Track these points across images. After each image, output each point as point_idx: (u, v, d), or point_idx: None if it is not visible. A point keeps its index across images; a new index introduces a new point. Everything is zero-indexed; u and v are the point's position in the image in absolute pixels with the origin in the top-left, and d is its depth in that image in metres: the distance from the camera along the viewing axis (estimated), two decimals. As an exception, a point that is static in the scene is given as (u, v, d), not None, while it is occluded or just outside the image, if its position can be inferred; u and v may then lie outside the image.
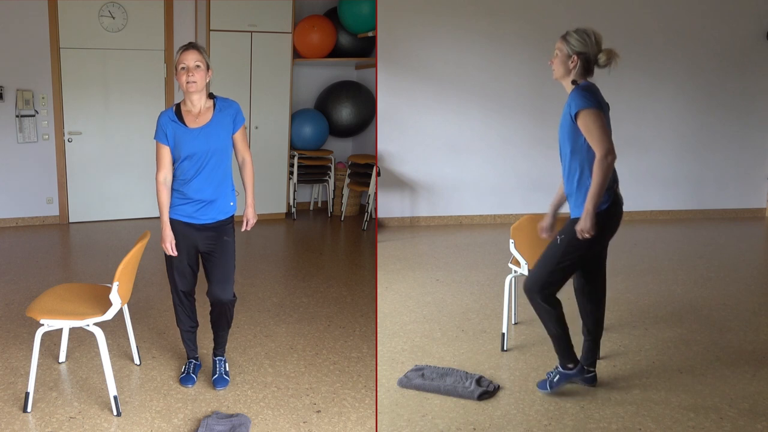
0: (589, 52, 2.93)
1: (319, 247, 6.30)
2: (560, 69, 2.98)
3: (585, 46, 2.92)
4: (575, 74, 2.95)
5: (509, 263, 3.74)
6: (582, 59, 2.93)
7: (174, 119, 3.08)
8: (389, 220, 7.17)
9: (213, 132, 3.08)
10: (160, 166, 3.12)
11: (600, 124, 2.84)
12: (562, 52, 2.97)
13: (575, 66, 2.94)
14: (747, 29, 7.55)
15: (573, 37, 2.95)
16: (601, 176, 2.83)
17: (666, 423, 2.92)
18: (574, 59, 2.93)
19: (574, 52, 2.93)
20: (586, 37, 2.93)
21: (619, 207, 3.03)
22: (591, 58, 2.94)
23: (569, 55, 2.94)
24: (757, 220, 7.69)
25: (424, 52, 6.91)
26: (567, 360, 3.15)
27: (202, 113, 3.09)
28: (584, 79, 2.97)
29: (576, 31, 2.96)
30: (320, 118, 7.51)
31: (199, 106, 3.09)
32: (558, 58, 2.99)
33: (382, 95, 6.91)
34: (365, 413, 3.07)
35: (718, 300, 4.63)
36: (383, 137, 6.97)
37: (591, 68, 2.98)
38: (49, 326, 2.95)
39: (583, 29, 2.96)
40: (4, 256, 5.63)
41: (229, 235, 3.21)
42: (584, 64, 2.94)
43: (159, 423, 2.94)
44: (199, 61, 3.01)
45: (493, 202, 7.32)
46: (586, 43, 2.92)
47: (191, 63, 2.99)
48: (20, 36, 6.51)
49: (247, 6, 6.91)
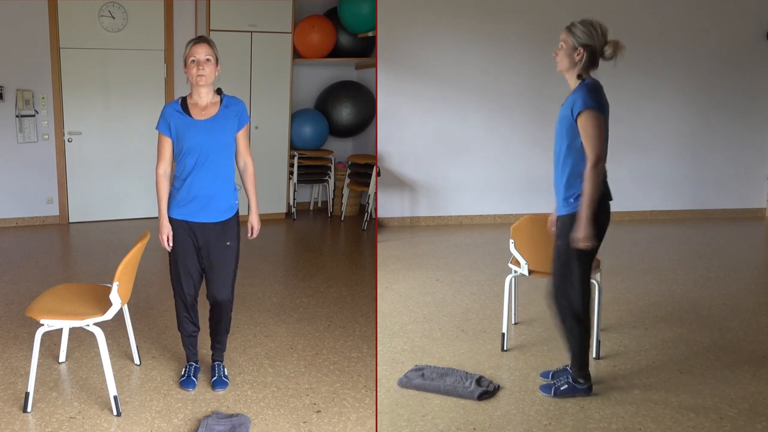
0: (595, 45, 2.87)
1: (319, 247, 6.31)
2: (565, 61, 2.91)
3: (591, 38, 2.86)
4: (580, 68, 2.90)
5: (509, 263, 3.74)
6: (588, 51, 2.87)
7: (179, 110, 3.07)
8: (389, 220, 7.17)
9: (218, 126, 3.06)
10: (160, 157, 3.11)
11: (599, 130, 2.81)
12: (567, 44, 2.90)
13: (581, 58, 2.88)
14: (747, 29, 7.54)
15: (578, 28, 2.88)
16: (593, 184, 2.82)
17: (666, 423, 2.92)
18: (580, 51, 2.87)
19: (580, 44, 2.87)
20: (592, 29, 2.87)
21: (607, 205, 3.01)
22: (597, 50, 2.88)
23: (575, 47, 2.88)
24: (757, 220, 7.69)
25: (424, 52, 6.90)
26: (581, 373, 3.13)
27: (209, 107, 3.09)
28: (588, 73, 2.92)
29: (581, 23, 2.89)
30: (320, 118, 7.51)
31: (206, 99, 3.08)
32: (563, 50, 2.91)
33: (382, 95, 6.91)
34: (365, 413, 3.07)
35: (718, 300, 4.63)
36: (383, 137, 6.97)
37: (596, 61, 2.91)
38: (49, 326, 2.95)
39: (588, 21, 2.89)
40: (4, 256, 5.63)
41: (233, 240, 3.18)
42: (590, 57, 2.88)
43: (159, 423, 2.94)
44: (209, 55, 3.01)
45: (493, 202, 7.32)
46: (591, 35, 2.86)
47: (202, 56, 2.99)
48: (20, 36, 6.51)
49: (247, 6, 6.91)
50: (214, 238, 3.14)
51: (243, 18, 6.92)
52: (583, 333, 3.07)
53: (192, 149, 3.04)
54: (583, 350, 3.11)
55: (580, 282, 3.00)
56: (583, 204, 2.86)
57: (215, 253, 3.15)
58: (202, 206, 3.10)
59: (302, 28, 7.16)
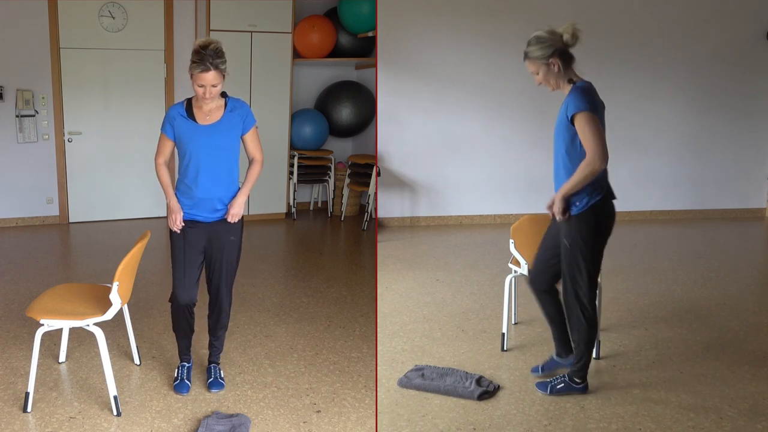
0: (557, 46, 2.89)
1: (319, 247, 6.30)
2: (550, 81, 2.94)
3: (549, 46, 2.88)
4: (563, 74, 2.92)
5: (509, 263, 3.74)
6: (557, 56, 2.89)
7: (183, 114, 3.08)
8: (389, 220, 7.17)
9: (222, 130, 3.07)
10: (159, 152, 3.21)
11: (595, 128, 2.82)
12: (538, 68, 2.93)
13: (558, 67, 2.91)
14: (747, 29, 7.55)
15: (533, 48, 2.91)
16: (584, 173, 2.83)
17: (666, 423, 2.92)
18: (553, 62, 2.89)
19: (547, 57, 2.89)
20: (543, 39, 2.90)
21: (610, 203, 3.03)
22: (562, 48, 2.90)
23: (546, 64, 2.90)
24: (757, 220, 7.69)
25: (424, 52, 6.90)
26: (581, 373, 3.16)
27: (213, 111, 3.09)
28: (575, 74, 2.94)
29: (528, 45, 2.92)
30: (320, 118, 7.51)
31: (211, 105, 3.09)
32: (540, 76, 2.95)
33: (382, 95, 6.91)
34: (365, 413, 3.07)
35: (718, 300, 4.63)
36: (383, 137, 6.97)
37: (569, 56, 2.93)
38: (49, 326, 2.95)
39: (534, 36, 2.92)
40: (4, 256, 5.63)
41: (236, 235, 3.20)
42: (563, 58, 2.90)
43: (159, 423, 2.94)
44: (216, 81, 2.95)
45: (493, 202, 7.32)
46: (546, 43, 2.89)
47: (208, 84, 2.95)
48: (20, 36, 6.51)
49: (247, 6, 6.91)
50: (219, 234, 3.16)
51: (243, 18, 6.92)
52: (591, 332, 3.08)
53: (196, 154, 3.06)
54: (588, 350, 3.12)
55: (587, 279, 3.01)
56: (565, 185, 2.89)
57: (218, 247, 3.17)
58: (206, 207, 3.12)
59: (302, 28, 7.16)
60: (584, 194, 2.93)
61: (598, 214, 2.95)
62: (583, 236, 2.96)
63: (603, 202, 2.95)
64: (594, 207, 2.93)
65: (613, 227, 3.04)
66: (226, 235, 3.17)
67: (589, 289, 3.03)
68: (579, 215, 2.96)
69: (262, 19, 7.00)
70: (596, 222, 2.96)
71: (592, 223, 2.95)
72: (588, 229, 2.96)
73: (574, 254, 2.99)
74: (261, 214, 7.43)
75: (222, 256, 3.18)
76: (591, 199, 2.93)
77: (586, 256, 2.98)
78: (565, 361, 3.29)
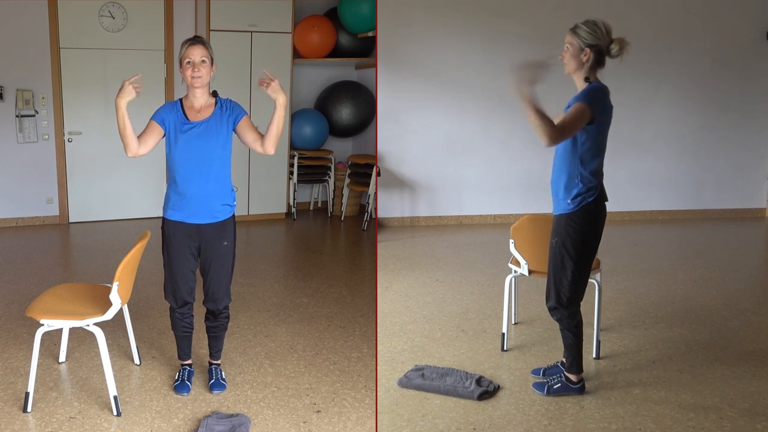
0: (601, 44, 2.87)
1: (319, 247, 6.31)
2: (572, 63, 2.92)
3: (596, 38, 2.87)
4: (587, 68, 2.90)
5: (509, 263, 3.74)
6: (594, 51, 2.88)
7: (176, 110, 3.08)
8: (389, 220, 7.17)
9: (213, 127, 3.06)
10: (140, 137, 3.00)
11: (575, 119, 2.79)
12: (573, 46, 2.90)
13: (588, 59, 2.89)
14: (747, 30, 7.54)
15: (583, 29, 2.88)
16: (541, 127, 2.78)
17: (666, 423, 2.92)
18: (587, 52, 2.88)
19: (586, 45, 2.87)
20: (597, 29, 2.87)
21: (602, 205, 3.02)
22: (603, 49, 2.89)
23: (581, 48, 2.88)
24: (757, 220, 7.69)
25: (424, 52, 6.90)
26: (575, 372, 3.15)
27: (204, 109, 3.08)
28: (596, 75, 2.92)
29: (586, 23, 2.89)
30: (320, 118, 7.51)
31: (201, 101, 3.08)
32: (569, 52, 2.92)
33: (382, 95, 6.91)
34: (365, 413, 3.07)
35: (718, 300, 4.63)
36: (383, 137, 6.97)
37: (603, 60, 2.92)
38: (49, 326, 2.95)
39: (592, 21, 2.90)
40: (4, 256, 5.63)
41: (229, 240, 3.17)
42: (597, 57, 2.89)
43: (159, 423, 2.94)
44: (204, 57, 3.00)
45: (493, 202, 7.32)
46: (597, 34, 2.87)
47: (197, 58, 2.98)
48: (20, 36, 6.51)
49: (247, 6, 6.91)
50: (211, 239, 3.13)
51: (243, 18, 6.92)
52: (576, 330, 3.08)
53: (185, 150, 3.04)
54: (577, 348, 3.12)
55: (571, 278, 3.01)
56: (535, 107, 2.82)
57: (212, 253, 3.15)
58: (197, 208, 3.08)
59: (302, 28, 7.16)
60: (579, 193, 2.93)
61: (589, 214, 2.95)
62: (571, 235, 2.96)
63: (595, 204, 2.96)
64: (586, 207, 2.94)
65: (602, 230, 3.04)
66: (219, 240, 3.14)
67: (569, 288, 3.02)
68: (570, 214, 2.97)
69: (262, 19, 7.00)
70: (586, 222, 2.96)
71: (581, 223, 2.96)
72: (577, 229, 2.96)
73: (561, 252, 3.00)
74: (261, 214, 7.43)
75: (216, 261, 3.16)
76: (584, 200, 2.93)
77: (572, 255, 2.98)
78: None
